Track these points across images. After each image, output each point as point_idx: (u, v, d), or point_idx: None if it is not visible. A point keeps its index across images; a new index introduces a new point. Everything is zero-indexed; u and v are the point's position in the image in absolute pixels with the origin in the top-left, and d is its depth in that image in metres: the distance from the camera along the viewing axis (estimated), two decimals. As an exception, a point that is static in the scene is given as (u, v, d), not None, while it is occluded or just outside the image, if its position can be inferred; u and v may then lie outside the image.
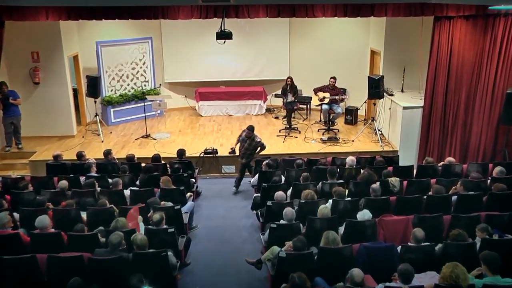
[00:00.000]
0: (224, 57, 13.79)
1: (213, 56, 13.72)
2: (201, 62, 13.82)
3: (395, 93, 11.31)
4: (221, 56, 13.73)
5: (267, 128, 12.30)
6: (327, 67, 13.35)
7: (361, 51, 13.05)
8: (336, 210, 6.77)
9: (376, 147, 10.80)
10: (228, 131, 12.10)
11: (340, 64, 13.34)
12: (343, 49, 13.28)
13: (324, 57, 13.60)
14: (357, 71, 13.18)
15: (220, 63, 13.88)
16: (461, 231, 5.64)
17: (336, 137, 11.27)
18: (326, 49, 13.53)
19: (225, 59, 13.86)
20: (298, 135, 11.67)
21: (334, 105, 11.70)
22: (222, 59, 13.82)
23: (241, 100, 13.56)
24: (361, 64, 13.12)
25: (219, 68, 13.91)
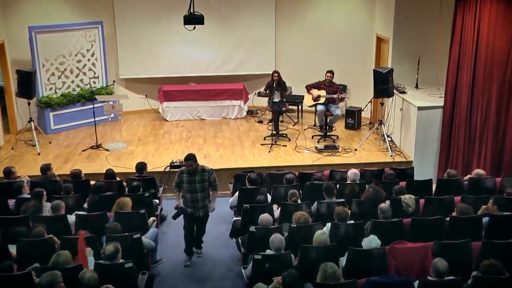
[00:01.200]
0: (194, 47, 13.80)
1: (180, 45, 13.74)
2: (165, 54, 13.82)
3: (408, 90, 11.40)
4: (191, 45, 13.74)
5: (249, 135, 12.30)
6: (322, 58, 13.43)
7: (365, 38, 13.15)
8: (336, 237, 6.77)
9: (384, 157, 10.84)
10: (200, 139, 12.08)
11: (339, 55, 13.42)
12: (342, 35, 13.38)
13: (318, 46, 13.68)
14: (360, 63, 13.27)
15: (189, 55, 13.89)
16: (494, 262, 5.57)
17: (334, 145, 11.30)
18: (320, 36, 13.62)
19: (196, 50, 13.87)
20: (288, 143, 11.68)
21: (331, 106, 11.76)
22: (191, 49, 13.83)
23: (216, 101, 13.56)
24: (364, 54, 13.21)
25: (188, 60, 13.91)
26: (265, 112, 13.79)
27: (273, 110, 11.82)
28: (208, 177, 7.63)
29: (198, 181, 7.57)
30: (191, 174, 7.56)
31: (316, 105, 11.73)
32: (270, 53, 14.04)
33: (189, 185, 7.59)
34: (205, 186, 7.63)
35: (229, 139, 12.02)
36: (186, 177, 7.60)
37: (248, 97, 13.81)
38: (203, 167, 7.67)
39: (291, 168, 10.03)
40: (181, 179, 7.65)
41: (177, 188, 7.75)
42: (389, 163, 10.40)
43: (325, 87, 11.68)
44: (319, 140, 11.75)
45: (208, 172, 7.66)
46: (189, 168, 7.55)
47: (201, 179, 7.60)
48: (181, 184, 7.67)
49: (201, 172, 7.59)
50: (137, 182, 8.59)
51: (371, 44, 13.03)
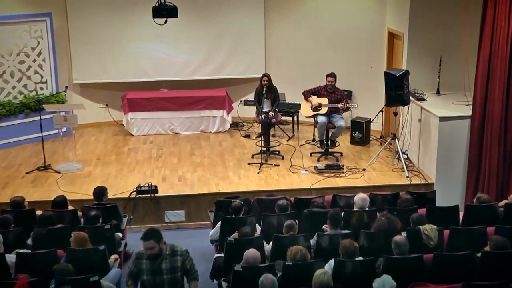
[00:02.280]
0: (166, 45, 13.85)
1: (149, 43, 13.78)
2: (130, 53, 13.85)
3: (428, 97, 11.43)
4: (162, 43, 13.79)
5: (234, 153, 12.30)
6: (322, 59, 13.45)
7: (374, 34, 13.22)
8: (341, 277, 6.72)
9: (399, 178, 10.84)
10: (173, 157, 12.05)
11: (342, 54, 13.46)
12: (346, 31, 13.44)
13: (317, 44, 13.71)
14: (368, 64, 13.32)
15: (160, 55, 13.93)
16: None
17: (338, 165, 11.30)
18: (320, 32, 13.66)
19: (168, 48, 13.92)
20: (281, 162, 11.67)
21: (334, 116, 11.75)
22: (163, 48, 13.88)
23: (193, 111, 13.56)
24: (373, 53, 13.26)
25: (159, 62, 13.95)
26: (253, 124, 13.80)
27: (262, 122, 11.82)
28: (181, 263, 6.19)
29: (166, 271, 6.07)
30: (154, 260, 6.06)
31: (316, 116, 11.73)
32: (259, 53, 14.08)
33: (152, 277, 6.06)
34: (177, 279, 6.11)
35: (209, 158, 12.00)
36: (147, 265, 6.07)
37: (232, 106, 13.82)
38: (173, 249, 6.17)
39: (285, 192, 9.98)
40: (138, 269, 6.11)
41: (132, 281, 6.18)
42: (405, 186, 10.38)
43: (327, 93, 11.67)
44: (319, 158, 11.74)
45: (181, 255, 6.19)
46: (150, 252, 6.03)
47: (171, 268, 6.10)
48: (138, 277, 6.12)
49: (170, 257, 6.10)
50: (95, 211, 8.50)
51: (382, 41, 13.09)
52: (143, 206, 10.23)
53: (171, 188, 10.52)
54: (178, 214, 10.31)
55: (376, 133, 13.00)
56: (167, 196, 10.32)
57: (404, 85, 10.77)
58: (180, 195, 10.32)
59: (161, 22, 10.08)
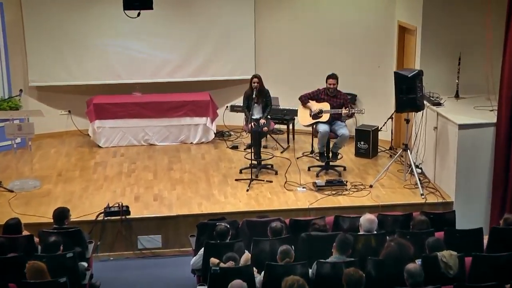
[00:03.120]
0: (140, 42, 13.89)
1: (119, 40, 13.83)
2: (97, 51, 13.86)
3: (445, 101, 11.46)
4: (135, 40, 13.83)
5: (219, 167, 12.30)
6: (322, 58, 13.48)
7: (382, 28, 13.28)
8: (345, 312, 6.72)
9: (412, 196, 10.84)
10: (148, 173, 12.03)
11: (345, 52, 13.49)
12: (349, 25, 13.50)
13: (315, 40, 13.75)
14: (375, 63, 13.38)
15: (132, 53, 13.97)
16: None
17: (340, 181, 11.29)
18: (319, 27, 13.71)
19: (142, 46, 13.95)
20: (274, 178, 11.67)
21: (337, 124, 11.71)
22: (136, 45, 13.92)
23: (171, 118, 13.57)
24: (381, 50, 13.31)
25: (131, 61, 13.98)
26: (241, 133, 13.81)
27: (252, 131, 11.79)
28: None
29: None
30: None
31: (316, 124, 11.72)
32: (248, 51, 14.15)
33: None
34: None
35: (191, 173, 11.98)
36: None
37: (217, 112, 13.83)
38: None
39: (279, 213, 9.96)
40: None
41: None
42: (419, 206, 10.39)
43: (328, 98, 11.64)
44: (319, 174, 11.74)
45: None
46: None
47: None
48: None
49: None
50: (55, 237, 8.40)
51: (391, 37, 13.15)
52: (112, 230, 10.17)
53: (146, 208, 10.47)
54: (153, 240, 10.26)
55: (384, 144, 13.02)
56: (140, 218, 10.26)
57: (417, 88, 10.76)
58: (156, 217, 10.26)
59: (134, 15, 10.06)
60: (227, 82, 14.26)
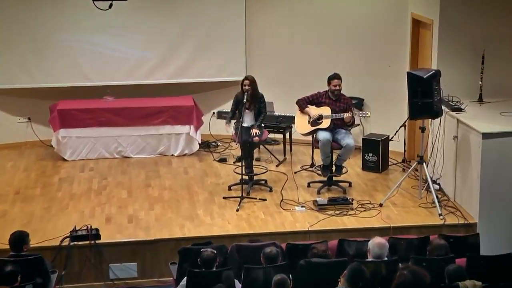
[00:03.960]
0: (112, 38, 13.93)
1: (88, 35, 13.84)
2: (62, 49, 13.88)
3: (467, 106, 11.46)
4: (106, 36, 13.88)
5: (204, 183, 12.31)
6: (322, 56, 13.56)
7: (393, 22, 13.35)
8: None
9: (429, 217, 10.85)
10: (122, 190, 12.04)
11: (349, 50, 13.57)
12: (354, 18, 13.57)
13: (315, 36, 13.81)
14: (385, 62, 13.43)
15: (103, 51, 14.01)
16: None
17: (345, 199, 11.29)
18: (319, 21, 13.78)
19: (115, 43, 14.00)
20: (269, 195, 11.66)
21: (340, 133, 11.72)
22: (108, 42, 13.97)
23: (148, 126, 13.60)
24: (392, 47, 13.38)
25: (102, 60, 14.04)
26: (230, 144, 13.82)
27: (242, 141, 11.79)
28: None
29: None
30: None
31: (316, 132, 11.73)
32: (238, 49, 14.21)
33: None
34: None
35: (171, 190, 11.98)
36: None
37: (201, 119, 13.84)
38: None
39: (274, 237, 10.02)
40: None
41: None
42: (437, 228, 10.39)
43: (330, 101, 11.67)
44: (320, 190, 11.76)
45: None
46: None
47: None
48: None
49: None
50: (12, 266, 8.35)
51: (404, 32, 13.20)
52: (79, 257, 10.12)
53: (119, 232, 10.44)
54: (128, 268, 10.23)
55: (396, 156, 13.07)
56: (112, 243, 10.23)
57: (434, 91, 10.75)
58: (131, 242, 10.23)
59: (105, 7, 10.05)
60: (214, 84, 14.30)
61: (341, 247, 8.99)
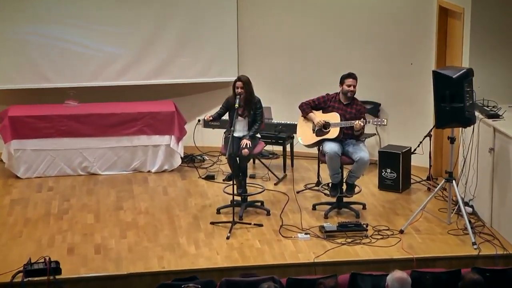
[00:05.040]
0: (75, 30, 13.96)
1: (46, 27, 13.90)
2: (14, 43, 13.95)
3: (505, 112, 11.46)
4: (68, 27, 13.92)
5: (187, 206, 12.32)
6: (330, 52, 13.70)
7: (416, 11, 13.41)
8: None
9: (460, 246, 10.83)
10: (87, 214, 12.01)
11: (363, 46, 13.68)
12: (367, 7, 13.68)
13: (321, 29, 13.92)
14: (405, 59, 13.51)
15: (65, 46, 14.05)
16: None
17: (358, 224, 11.27)
18: (325, 11, 13.89)
19: (80, 36, 14.04)
20: (266, 220, 11.66)
21: (352, 145, 11.73)
22: (70, 35, 14.00)
23: (120, 137, 13.65)
24: (415, 41, 13.45)
25: (64, 57, 14.08)
26: (219, 158, 13.87)
27: (231, 155, 11.70)
28: None
29: None
30: None
31: (322, 143, 11.72)
32: (228, 43, 14.31)
33: None
34: None
35: (148, 214, 11.98)
36: None
37: (184, 129, 13.89)
38: None
39: (273, 270, 10.04)
40: None
41: None
42: (470, 259, 10.36)
43: (340, 106, 11.71)
44: (328, 214, 11.76)
45: None
46: None
47: None
48: None
49: None
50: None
51: (429, 23, 13.23)
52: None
53: (84, 265, 10.36)
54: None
55: (420, 172, 13.12)
56: (76, 278, 10.13)
57: (466, 93, 10.72)
58: (98, 277, 10.12)
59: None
60: (199, 86, 14.35)
61: (353, 283, 9.00)
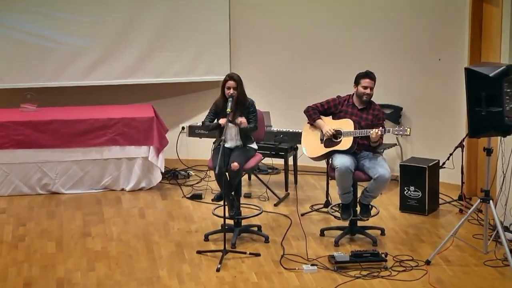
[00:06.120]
0: (35, 17, 14.02)
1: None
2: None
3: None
4: (25, 15, 13.98)
5: (169, 231, 12.32)
6: (339, 45, 13.83)
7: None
8: None
9: (499, 279, 10.74)
10: (48, 242, 11.97)
11: (379, 39, 13.78)
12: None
13: (330, 15, 14.00)
14: (432, 54, 13.56)
15: (21, 37, 14.12)
16: None
17: (376, 253, 11.22)
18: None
19: (40, 26, 14.11)
20: (264, 248, 11.63)
21: (368, 158, 11.74)
22: (28, 25, 14.07)
23: (88, 147, 13.70)
24: (444, 33, 13.50)
25: (19, 51, 14.19)
26: (207, 174, 13.94)
27: (217, 172, 11.66)
28: None
29: None
30: None
31: (332, 156, 11.73)
32: (218, 35, 14.44)
33: None
34: None
35: (121, 242, 11.98)
36: None
37: (165, 138, 13.95)
38: None
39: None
40: None
41: None
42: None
43: (354, 111, 11.72)
44: (339, 241, 11.77)
45: None
46: None
47: None
48: None
49: None
50: None
51: (460, 11, 13.27)
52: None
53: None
54: None
55: (450, 190, 13.21)
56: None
57: (505, 95, 10.69)
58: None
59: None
60: (183, 86, 14.38)
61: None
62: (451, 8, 13.29)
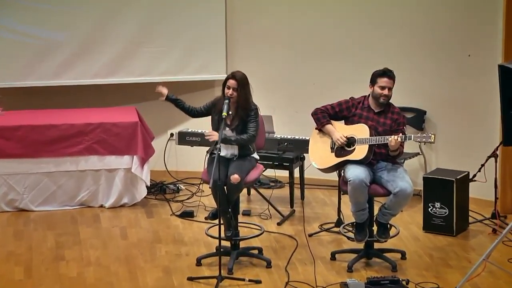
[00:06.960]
0: (6, 11, 14.10)
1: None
2: None
3: None
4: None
5: (156, 254, 12.29)
6: (352, 39, 13.89)
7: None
8: None
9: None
10: (15, 267, 11.91)
11: (401, 29, 13.78)
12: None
13: (339, 13, 14.06)
14: (461, 50, 13.57)
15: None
16: None
17: (395, 279, 11.16)
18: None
19: (11, 19, 14.17)
20: (266, 274, 11.57)
21: (387, 170, 11.71)
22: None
23: (61, 157, 13.72)
24: (474, 27, 13.52)
25: None
26: (199, 188, 13.93)
27: (212, 185, 11.61)
28: None
29: None
30: None
31: (345, 168, 11.71)
32: (214, 28, 14.50)
33: None
34: None
35: (100, 266, 11.93)
36: None
37: (151, 146, 13.97)
38: None
39: None
40: None
41: None
42: None
43: (369, 115, 11.70)
44: (353, 266, 11.67)
45: None
46: None
47: None
48: None
49: None
50: None
51: (492, 3, 13.26)
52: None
53: None
54: None
55: (482, 207, 13.19)
56: None
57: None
58: None
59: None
60: (172, 86, 14.08)
61: None
62: (478, 4, 13.33)
